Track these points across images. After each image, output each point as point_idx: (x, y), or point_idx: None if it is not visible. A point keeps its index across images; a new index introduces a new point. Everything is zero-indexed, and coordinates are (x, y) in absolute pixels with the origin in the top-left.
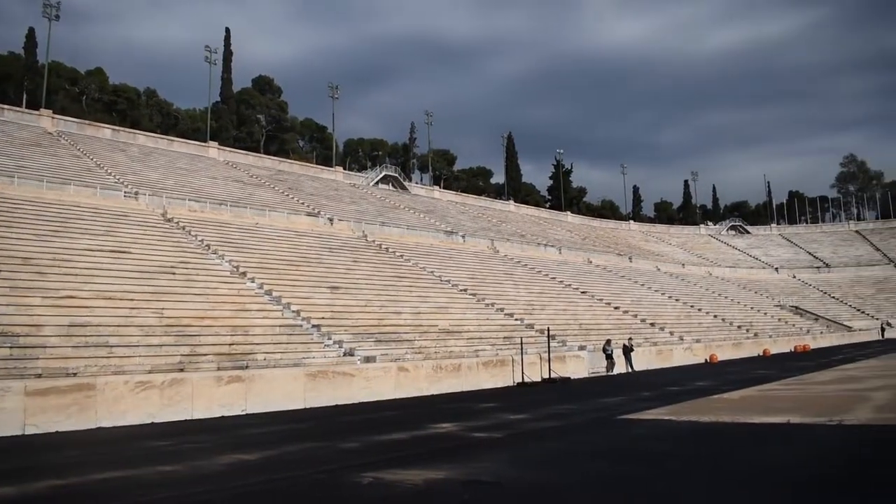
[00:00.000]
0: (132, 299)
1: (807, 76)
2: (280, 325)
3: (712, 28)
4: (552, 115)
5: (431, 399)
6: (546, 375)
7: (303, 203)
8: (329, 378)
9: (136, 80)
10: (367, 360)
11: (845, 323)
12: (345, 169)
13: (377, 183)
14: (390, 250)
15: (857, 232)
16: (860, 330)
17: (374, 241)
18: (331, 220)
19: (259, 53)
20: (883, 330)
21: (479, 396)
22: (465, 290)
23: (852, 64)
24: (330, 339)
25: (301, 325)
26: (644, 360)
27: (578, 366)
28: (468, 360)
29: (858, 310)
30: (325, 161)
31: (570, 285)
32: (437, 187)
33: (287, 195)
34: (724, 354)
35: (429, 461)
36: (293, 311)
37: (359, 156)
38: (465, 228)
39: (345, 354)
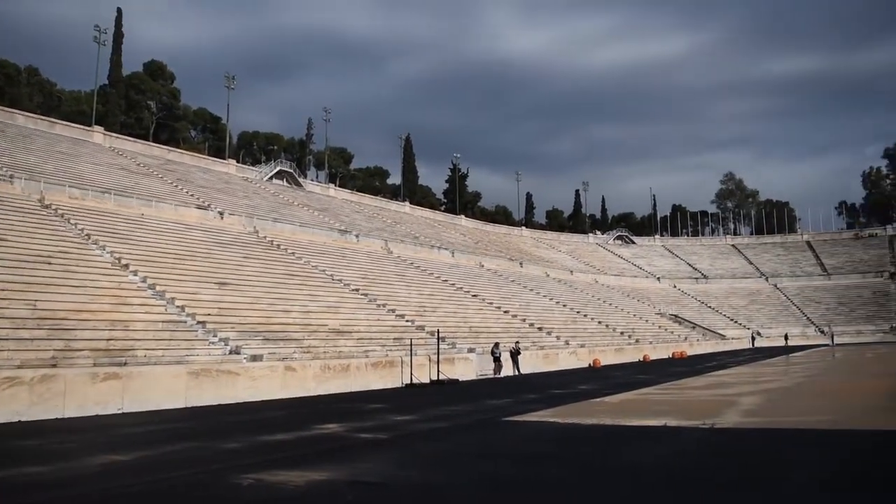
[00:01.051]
0: (2, 289)
1: (692, 97)
2: (163, 321)
3: (606, 44)
4: (451, 119)
5: (319, 399)
6: (435, 377)
7: (192, 195)
8: (213, 377)
9: (18, 58)
10: (254, 358)
11: (720, 331)
12: (238, 162)
13: (271, 178)
14: (282, 247)
15: (733, 246)
16: (733, 338)
17: (265, 237)
18: (221, 213)
19: (152, 37)
20: (754, 339)
21: (367, 397)
22: (357, 289)
23: (733, 87)
24: (215, 336)
25: (185, 322)
26: (531, 364)
27: (467, 368)
28: (357, 361)
29: (732, 319)
30: (218, 153)
31: (461, 288)
32: (332, 185)
33: (176, 186)
34: (607, 359)
35: (313, 462)
36: (177, 307)
37: (253, 149)
38: (360, 228)
39: (230, 353)
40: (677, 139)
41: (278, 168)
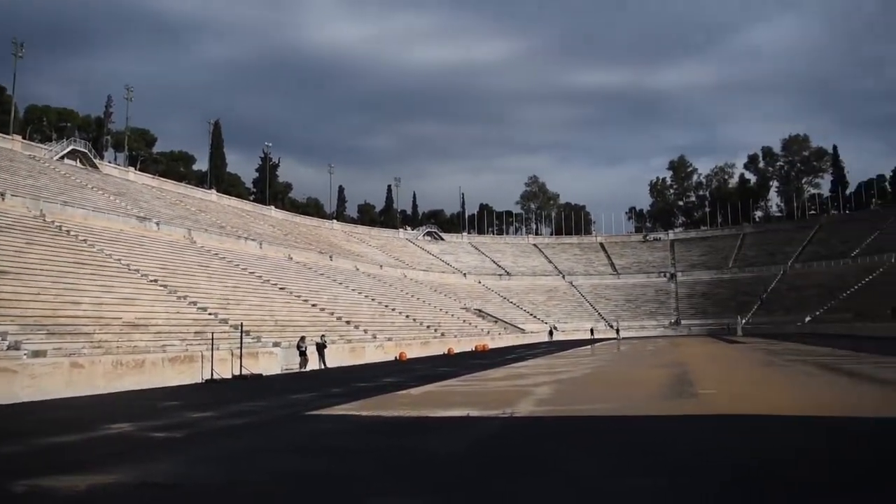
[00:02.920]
0: None
1: (504, 101)
2: None
3: (426, 43)
4: (265, 108)
5: (110, 398)
6: (238, 372)
7: None
8: None
9: None
10: (36, 354)
11: (520, 326)
12: (25, 138)
13: (63, 157)
14: (72, 233)
15: (534, 245)
16: (532, 332)
17: (53, 221)
18: (2, 194)
19: None
20: (551, 332)
21: (163, 394)
22: (156, 280)
23: (543, 95)
24: None
25: None
26: (337, 357)
27: (272, 362)
28: (154, 356)
29: (532, 314)
30: (1, 127)
31: (268, 281)
32: (132, 169)
33: None
34: (413, 352)
35: (98, 465)
36: None
37: (43, 126)
38: (161, 215)
39: (9, 348)
40: (488, 141)
41: (71, 147)
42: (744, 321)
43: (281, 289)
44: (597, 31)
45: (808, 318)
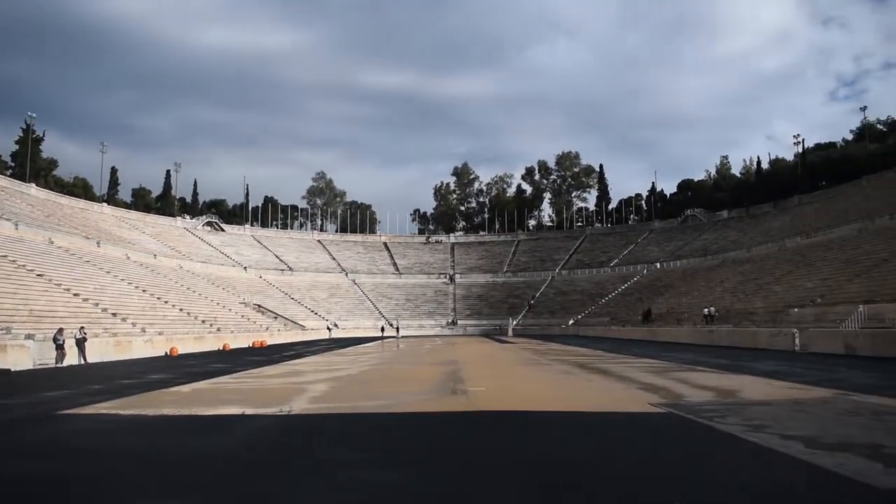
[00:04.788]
0: None
1: (295, 92)
2: None
3: (216, 24)
4: (24, 72)
5: None
6: None
7: None
8: None
9: None
10: None
11: (301, 322)
12: None
13: None
14: None
15: (318, 241)
16: (312, 329)
17: None
18: None
19: None
20: (330, 329)
21: None
22: None
23: (334, 90)
24: None
25: None
26: (100, 352)
27: (22, 356)
28: None
29: (313, 311)
30: None
31: (24, 266)
32: None
33: None
34: (185, 348)
35: None
36: None
37: None
38: None
39: None
40: (277, 132)
41: None
42: (515, 323)
43: (39, 276)
44: (389, 32)
45: (571, 321)
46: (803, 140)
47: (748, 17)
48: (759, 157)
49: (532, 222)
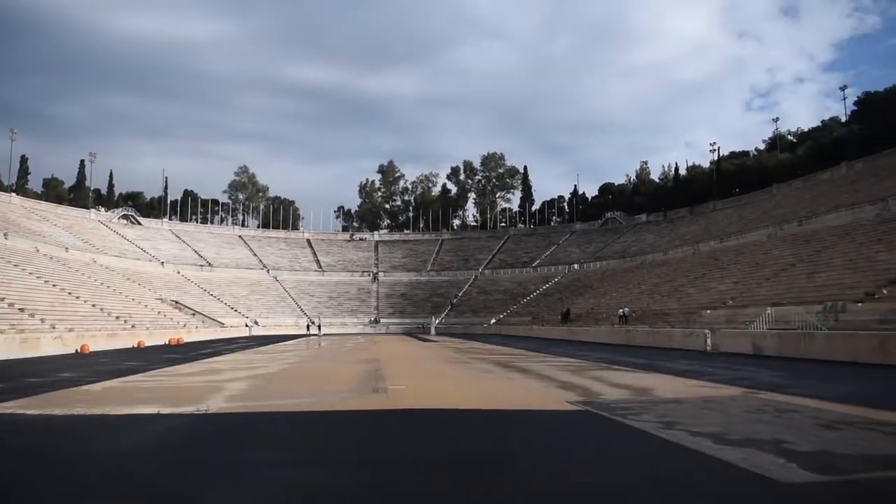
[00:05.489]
0: None
1: (218, 84)
2: None
3: (135, 10)
4: None
5: None
6: None
7: None
8: None
9: None
10: None
11: (220, 319)
12: None
13: None
14: None
15: (240, 237)
16: (232, 326)
17: None
18: None
19: None
20: (249, 327)
21: None
22: None
23: (258, 83)
24: None
25: None
26: (5, 349)
27: None
28: None
29: (232, 308)
30: None
31: None
32: None
33: None
34: (97, 345)
35: None
36: None
37: None
38: None
39: None
40: (198, 123)
41: None
42: (438, 321)
43: None
44: (315, 26)
45: (493, 320)
46: (719, 148)
47: (668, 28)
48: (676, 164)
49: (456, 222)
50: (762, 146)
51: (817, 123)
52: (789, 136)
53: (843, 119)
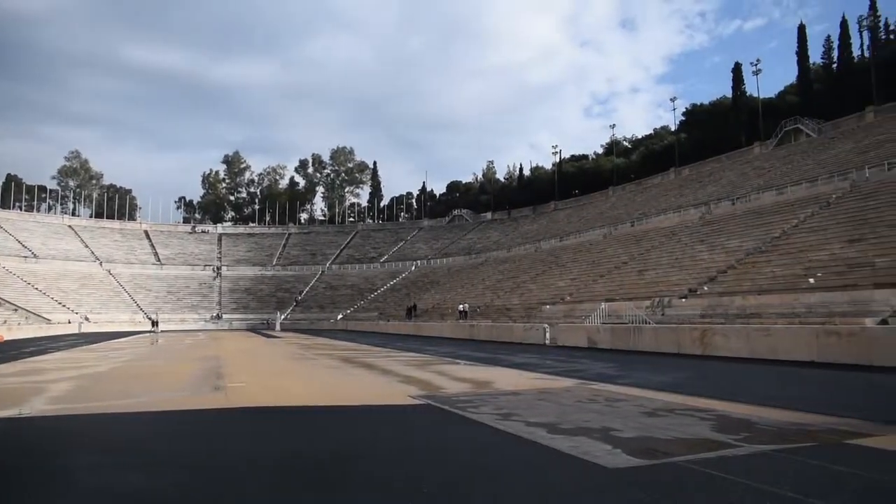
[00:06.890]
0: None
1: (47, 59)
2: None
3: None
4: None
5: None
6: None
7: None
8: None
9: None
10: None
11: (46, 315)
12: None
13: None
14: None
15: (70, 227)
16: (59, 322)
17: None
18: None
19: None
20: (79, 324)
21: None
22: None
23: (96, 63)
24: None
25: None
26: None
27: None
28: None
29: (60, 303)
30: None
31: None
32: None
33: None
34: None
35: None
36: None
37: None
38: None
39: None
40: (24, 102)
41: None
42: (283, 317)
43: None
44: (160, 6)
45: (340, 316)
46: (560, 151)
47: (517, 32)
48: (521, 165)
49: (304, 216)
50: (600, 150)
51: (650, 131)
52: (625, 142)
53: (673, 128)
